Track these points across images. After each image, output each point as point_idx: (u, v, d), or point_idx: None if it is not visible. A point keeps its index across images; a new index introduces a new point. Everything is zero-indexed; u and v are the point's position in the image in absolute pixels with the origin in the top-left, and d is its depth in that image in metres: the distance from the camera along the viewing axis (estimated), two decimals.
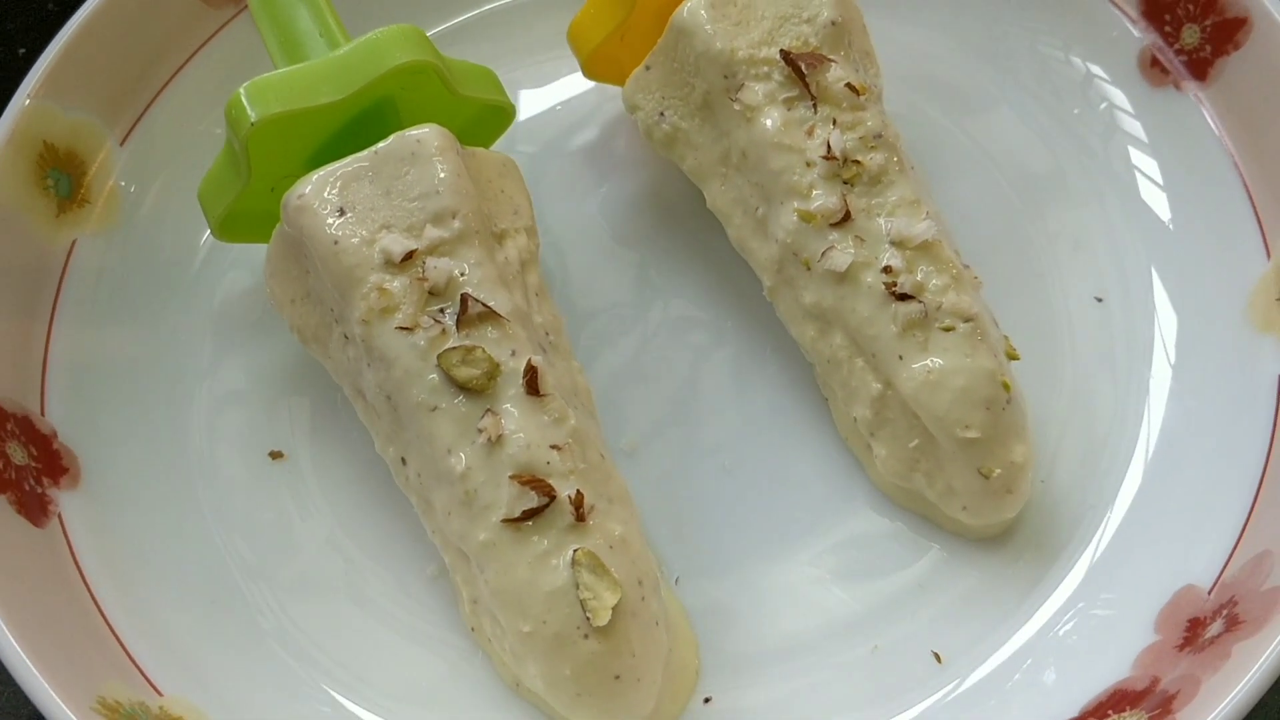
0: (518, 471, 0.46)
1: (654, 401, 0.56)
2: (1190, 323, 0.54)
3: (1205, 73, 0.57)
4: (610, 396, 0.56)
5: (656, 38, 0.55)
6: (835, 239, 0.50)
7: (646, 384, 0.56)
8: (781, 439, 0.54)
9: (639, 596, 0.46)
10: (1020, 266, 0.57)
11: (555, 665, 0.46)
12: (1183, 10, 0.57)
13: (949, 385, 0.48)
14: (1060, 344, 0.55)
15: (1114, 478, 0.52)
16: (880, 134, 0.51)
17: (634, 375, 0.56)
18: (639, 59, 0.56)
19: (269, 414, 0.56)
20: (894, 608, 0.50)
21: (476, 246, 0.49)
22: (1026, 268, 0.57)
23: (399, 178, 0.50)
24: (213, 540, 0.53)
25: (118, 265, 0.58)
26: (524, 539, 0.46)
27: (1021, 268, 0.57)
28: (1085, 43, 0.60)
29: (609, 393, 0.56)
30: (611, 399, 0.56)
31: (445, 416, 0.47)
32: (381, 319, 0.48)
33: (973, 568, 0.51)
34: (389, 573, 0.52)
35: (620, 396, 0.56)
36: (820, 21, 0.53)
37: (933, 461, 0.50)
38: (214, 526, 0.53)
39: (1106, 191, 0.57)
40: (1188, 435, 0.51)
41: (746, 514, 0.53)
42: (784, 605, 0.51)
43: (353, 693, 0.50)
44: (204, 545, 0.53)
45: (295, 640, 0.51)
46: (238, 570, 0.52)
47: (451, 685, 0.50)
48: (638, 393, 0.56)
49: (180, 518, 0.53)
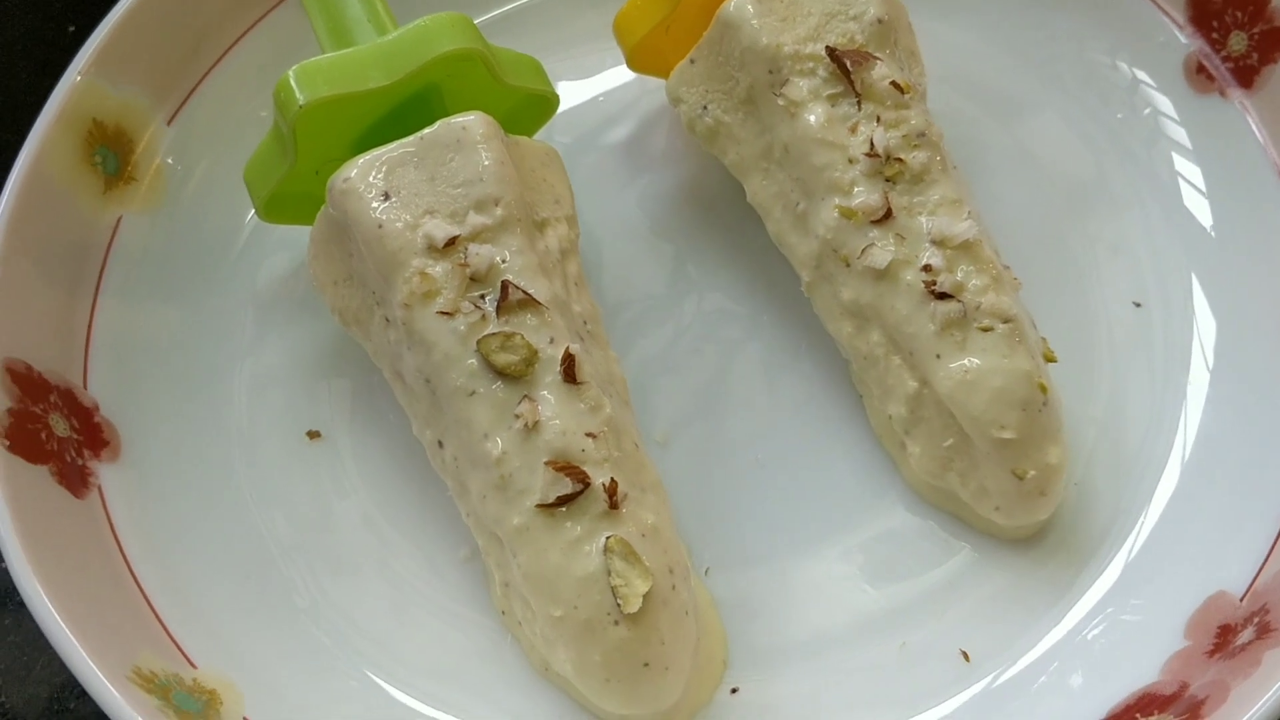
0: (553, 458, 0.47)
1: (687, 393, 0.56)
2: (1229, 330, 0.53)
3: (1251, 80, 0.56)
4: (644, 387, 0.56)
5: (701, 31, 0.55)
6: (875, 236, 0.51)
7: (680, 376, 0.56)
8: (814, 434, 0.55)
9: (670, 585, 0.47)
10: (1060, 269, 0.57)
11: (585, 650, 0.46)
12: (1231, 18, 0.57)
13: (986, 385, 0.48)
14: (1098, 347, 0.55)
15: (1148, 482, 0.51)
16: (924, 133, 0.52)
17: (668, 367, 0.57)
18: (683, 52, 0.56)
19: (308, 394, 0.56)
20: (923, 606, 0.51)
21: (518, 234, 0.50)
22: (1066, 271, 0.57)
23: (444, 164, 0.50)
24: (249, 516, 0.53)
25: (162, 243, 0.58)
26: (557, 524, 0.46)
27: (1061, 270, 0.57)
28: (1131, 48, 0.60)
29: (642, 383, 0.56)
30: (645, 390, 0.56)
31: (483, 401, 0.48)
32: (423, 303, 0.48)
33: (1003, 568, 0.51)
34: (422, 554, 0.53)
35: (654, 387, 0.56)
36: (867, 19, 0.53)
37: (967, 461, 0.50)
38: (251, 503, 0.54)
39: (1147, 197, 0.57)
40: (1223, 442, 0.51)
41: (777, 508, 0.53)
42: (812, 600, 0.51)
43: (383, 671, 0.50)
44: (240, 521, 0.53)
45: (328, 617, 0.51)
46: (273, 546, 0.53)
47: (480, 666, 0.50)
48: (671, 384, 0.56)
49: (218, 493, 0.54)
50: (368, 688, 0.50)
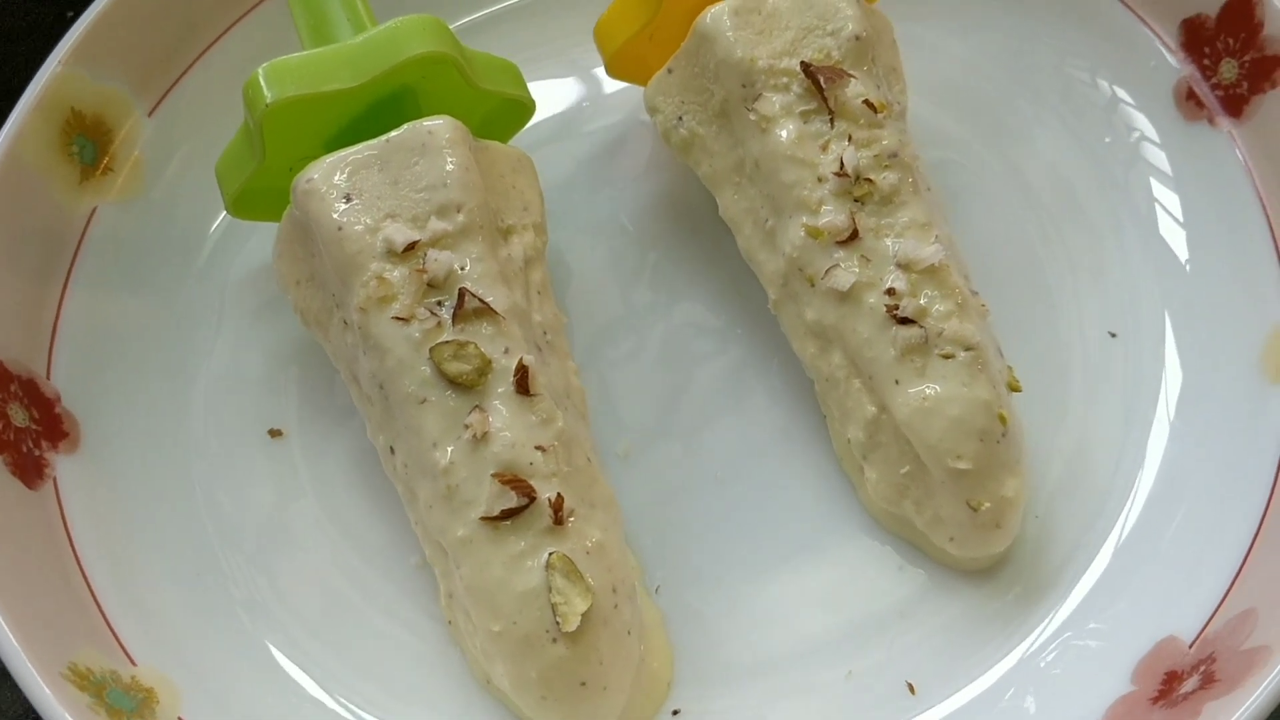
0: (500, 470, 0.46)
1: (654, 406, 0.55)
2: (1201, 366, 0.52)
3: (1241, 110, 0.55)
4: (609, 398, 0.55)
5: (684, 39, 0.55)
6: (840, 257, 0.50)
7: (648, 388, 0.56)
8: (778, 454, 0.54)
9: (612, 604, 0.46)
10: (1037, 294, 0.56)
11: (522, 666, 0.46)
12: (1223, 44, 0.55)
13: (943, 414, 0.48)
14: (1069, 376, 0.54)
15: (1108, 519, 0.51)
16: (896, 153, 0.51)
17: (636, 378, 0.56)
18: (666, 60, 0.56)
19: (273, 392, 0.56)
20: (873, 634, 0.50)
21: (479, 241, 0.49)
22: (1043, 295, 0.56)
23: (408, 168, 0.50)
24: (204, 514, 0.53)
25: (136, 235, 0.58)
26: (501, 538, 0.46)
27: (1038, 295, 0.56)
28: (1122, 70, 0.58)
29: (608, 394, 0.56)
30: (610, 400, 0.55)
31: (434, 410, 0.47)
32: (379, 308, 0.48)
33: (957, 599, 0.50)
34: (375, 559, 0.53)
35: (619, 398, 0.56)
36: (844, 35, 0.52)
37: (922, 489, 0.49)
38: (206, 500, 0.54)
39: (1128, 224, 0.56)
40: (1186, 483, 0.50)
41: (735, 526, 0.53)
42: (763, 622, 0.51)
43: (327, 678, 0.50)
44: (194, 518, 0.53)
45: (274, 620, 0.51)
46: (224, 546, 0.53)
47: (425, 677, 0.50)
48: (638, 396, 0.56)
49: (175, 489, 0.54)
50: (309, 695, 0.49)
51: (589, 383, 0.55)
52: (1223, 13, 0.55)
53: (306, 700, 0.49)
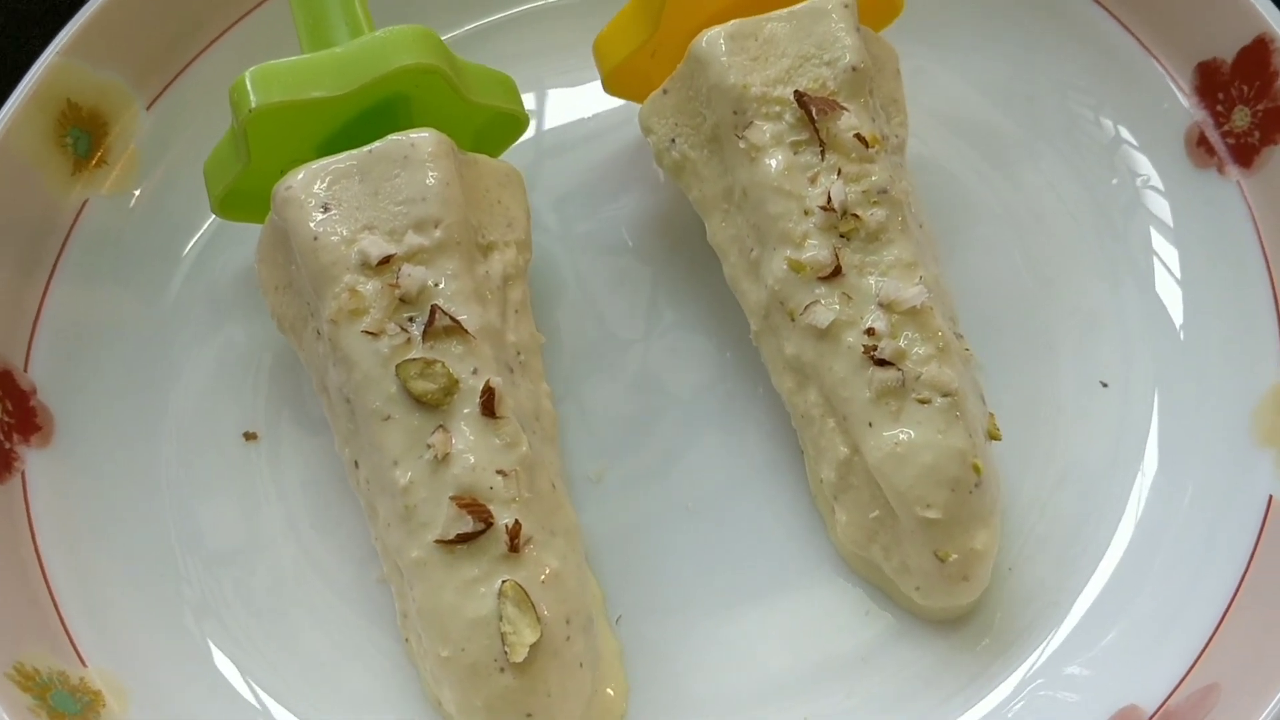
0: (459, 493, 0.46)
1: (632, 430, 0.55)
2: (1189, 425, 0.51)
3: (1251, 160, 0.53)
4: (587, 420, 0.55)
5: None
6: (821, 293, 0.49)
7: (628, 410, 0.55)
8: (753, 486, 0.53)
9: (564, 636, 0.46)
10: (1031, 338, 0.55)
11: (469, 694, 0.45)
12: (1237, 91, 0.54)
13: (915, 460, 0.47)
14: (1055, 425, 0.53)
15: (1080, 577, 0.49)
16: (886, 189, 0.49)
17: (616, 400, 0.55)
18: (667, 78, 0.55)
19: (251, 395, 0.56)
20: (834, 678, 0.49)
21: (455, 258, 0.49)
22: (1037, 340, 0.55)
23: (389, 179, 0.49)
24: (171, 517, 0.53)
25: (126, 230, 0.58)
26: (455, 563, 0.45)
27: (1032, 339, 0.55)
28: (1134, 111, 0.57)
29: (586, 416, 0.55)
30: (588, 422, 0.55)
31: (397, 427, 0.47)
32: (350, 320, 0.48)
33: (923, 648, 0.49)
34: (339, 571, 0.52)
35: (597, 420, 0.55)
36: (841, 65, 0.51)
37: (891, 536, 0.48)
38: (175, 503, 0.53)
39: (1128, 273, 0.55)
40: (1162, 545, 0.49)
41: (702, 559, 0.52)
42: (723, 659, 0.50)
43: (281, 690, 0.50)
44: (161, 520, 0.53)
45: (230, 628, 0.51)
46: (186, 549, 0.52)
47: (380, 694, 0.50)
48: (618, 419, 0.55)
49: (145, 490, 0.53)
50: (257, 708, 0.49)
51: (568, 402, 0.55)
52: (1239, 58, 0.54)
53: (257, 714, 0.49)
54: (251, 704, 0.49)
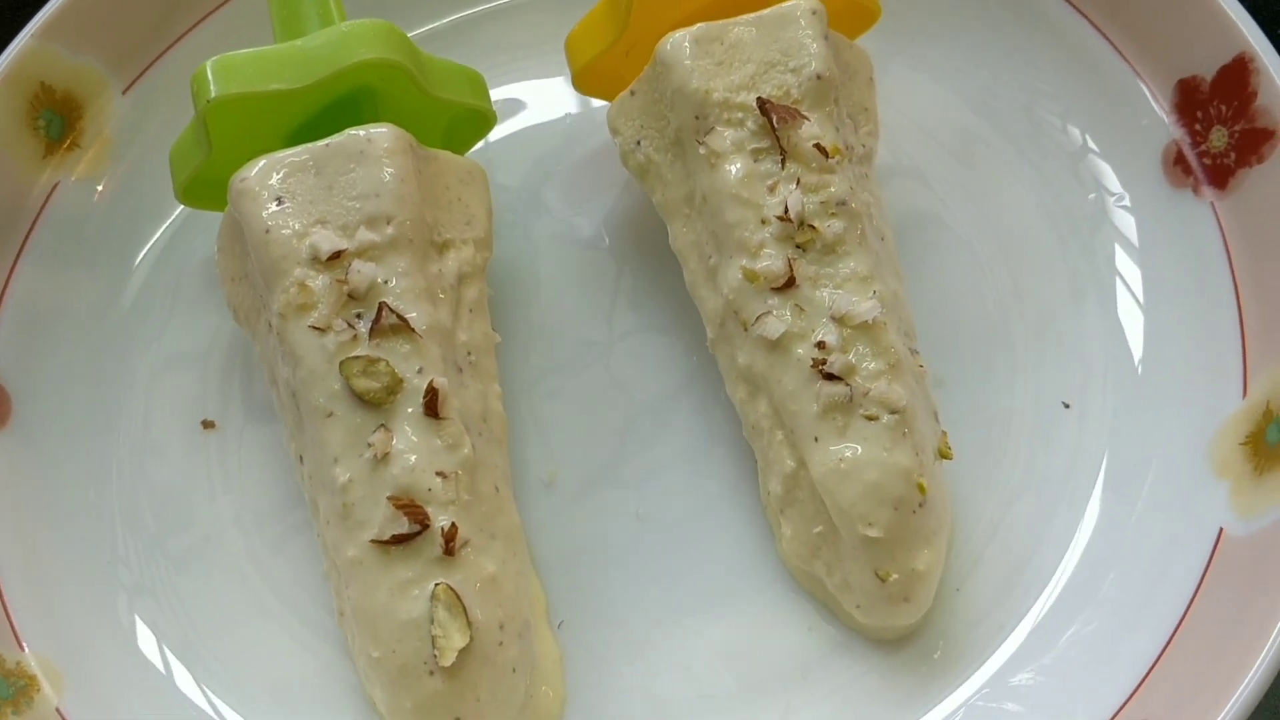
0: (397, 493, 0.45)
1: (587, 433, 0.54)
2: (1147, 451, 0.50)
3: (1226, 182, 0.52)
4: (543, 422, 0.54)
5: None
6: (774, 304, 0.48)
7: (584, 414, 0.55)
8: (705, 495, 0.52)
9: (496, 641, 0.45)
10: (995, 354, 0.54)
11: (398, 695, 0.45)
12: (1215, 110, 0.53)
13: (859, 477, 0.46)
14: (1014, 445, 0.52)
15: (1026, 600, 0.48)
16: (845, 201, 0.49)
17: (575, 403, 0.55)
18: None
19: (211, 384, 0.56)
20: (772, 693, 0.48)
21: (407, 255, 0.48)
22: (1000, 357, 0.54)
23: (344, 174, 0.49)
24: (123, 502, 0.53)
25: (95, 215, 0.58)
26: (390, 564, 0.45)
27: (996, 355, 0.54)
28: (1112, 127, 0.56)
29: (544, 418, 0.54)
30: (545, 425, 0.54)
31: (339, 425, 0.47)
32: (298, 315, 0.48)
33: (863, 667, 0.48)
34: (284, 566, 0.52)
35: (553, 423, 0.54)
36: (806, 73, 0.50)
37: (834, 552, 0.48)
38: (129, 489, 0.53)
39: (1095, 293, 0.54)
40: (1110, 573, 0.48)
41: (649, 567, 0.51)
42: (662, 669, 0.49)
43: (222, 687, 0.50)
44: (113, 506, 0.53)
45: (172, 617, 0.51)
46: (140, 538, 0.52)
47: (318, 690, 0.50)
48: (572, 421, 0.54)
49: (99, 475, 0.54)
50: (192, 701, 0.49)
51: (524, 403, 0.54)
52: (1218, 77, 0.52)
53: (189, 707, 0.49)
54: (184, 692, 0.49)
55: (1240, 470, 0.47)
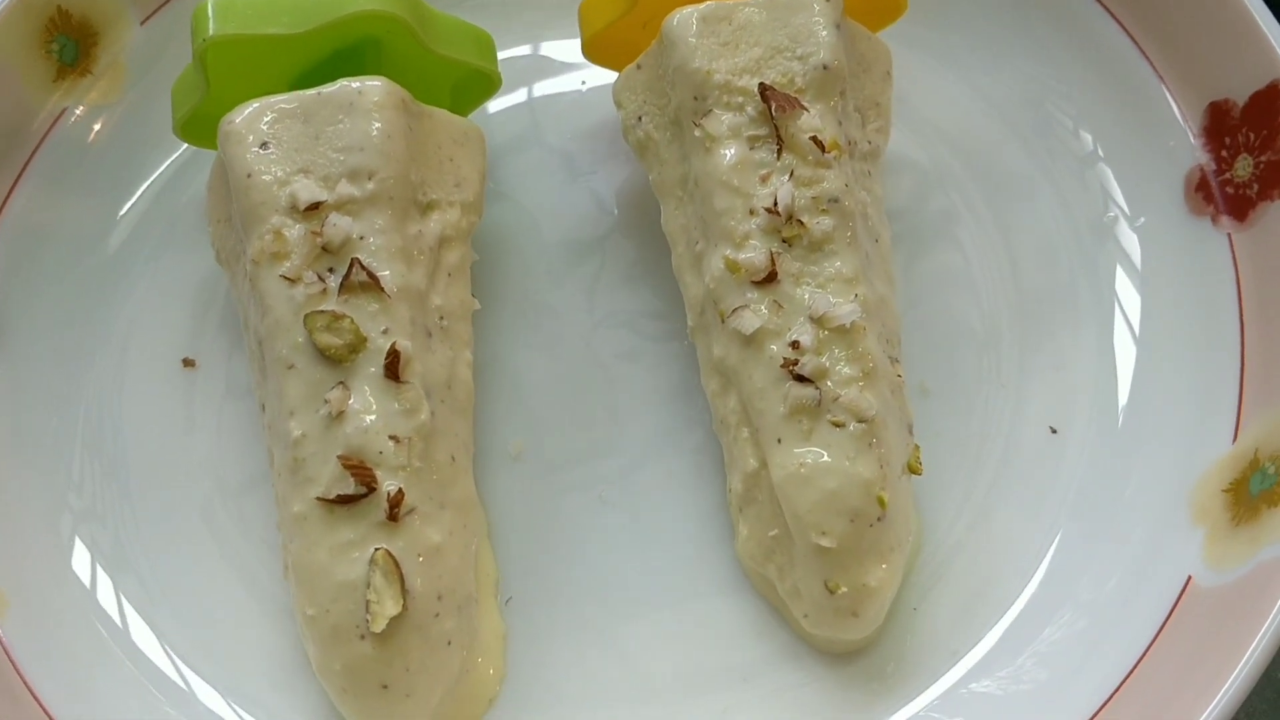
0: (347, 453, 0.45)
1: (561, 409, 0.53)
2: (1127, 487, 0.48)
3: (1246, 214, 0.50)
4: (519, 393, 0.54)
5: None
6: (753, 298, 0.47)
7: (562, 389, 0.54)
8: (672, 486, 0.51)
9: (432, 613, 0.45)
10: (987, 370, 0.52)
11: (328, 655, 0.45)
12: (1243, 138, 0.50)
13: (818, 485, 0.44)
14: (992, 462, 0.50)
15: (982, 627, 0.47)
16: (837, 199, 0.47)
17: (553, 376, 0.54)
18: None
19: (199, 322, 0.56)
20: (711, 693, 0.47)
21: (386, 213, 0.48)
22: (993, 373, 0.52)
23: (332, 124, 0.49)
24: (96, 430, 0.53)
25: (101, 142, 0.58)
26: (333, 523, 0.45)
27: (988, 371, 0.52)
28: (1138, 145, 0.54)
29: (518, 389, 0.54)
30: (519, 397, 0.54)
31: (298, 378, 0.46)
32: (271, 263, 0.47)
33: (806, 678, 0.47)
34: (244, 512, 0.52)
35: (529, 394, 0.54)
36: (812, 62, 0.48)
37: (787, 557, 0.46)
38: (97, 418, 0.53)
39: (1098, 317, 0.52)
40: (1069, 608, 0.46)
41: (606, 552, 0.50)
42: (606, 656, 0.48)
43: (160, 625, 0.50)
44: (84, 433, 0.53)
45: (127, 555, 0.51)
46: (95, 465, 0.52)
47: (257, 640, 0.50)
48: (549, 396, 0.54)
49: (75, 399, 0.54)
50: (132, 628, 0.49)
51: (500, 373, 0.54)
52: (1250, 102, 0.50)
53: (128, 645, 0.49)
54: (122, 636, 0.49)
55: (1218, 519, 0.45)
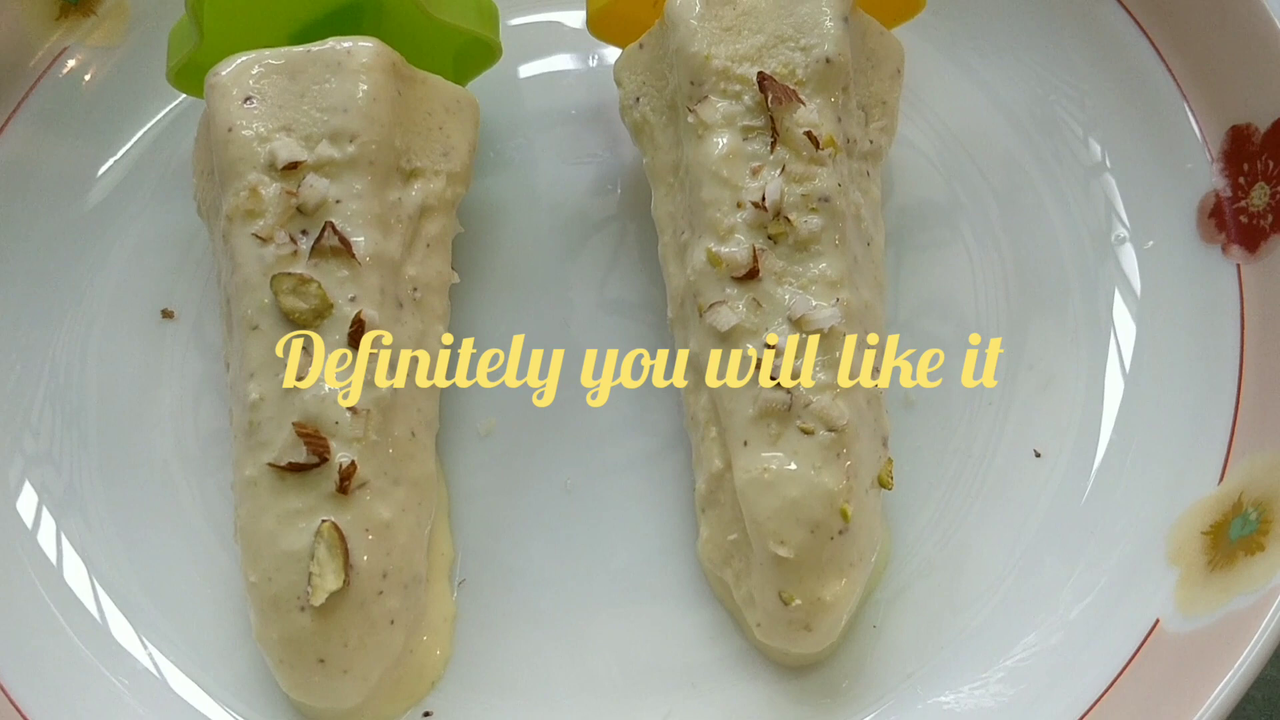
0: (303, 420, 0.44)
1: (536, 392, 0.52)
2: (1105, 519, 0.46)
3: (1257, 245, 0.48)
4: (496, 370, 0.52)
5: None
6: (732, 294, 0.45)
7: (539, 370, 0.52)
8: (639, 481, 0.50)
9: (376, 590, 0.44)
10: (974, 388, 0.50)
11: (267, 624, 0.44)
12: (1262, 165, 0.48)
13: (780, 492, 0.43)
14: (969, 481, 0.49)
15: (940, 651, 0.45)
16: (828, 198, 0.45)
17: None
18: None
19: (183, 274, 0.55)
20: (656, 696, 0.46)
21: (366, 178, 0.47)
22: (982, 390, 0.50)
23: (319, 83, 0.47)
24: (60, 377, 0.52)
25: (100, 84, 0.58)
26: (283, 491, 0.44)
27: (977, 387, 0.50)
28: (1155, 164, 0.52)
29: (495, 366, 0.52)
30: (495, 374, 0.52)
31: (261, 339, 0.45)
32: (244, 220, 0.46)
33: (755, 685, 0.46)
34: (204, 469, 0.51)
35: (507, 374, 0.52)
36: (815, 54, 0.47)
37: (744, 563, 0.45)
38: (73, 359, 0.53)
39: (1091, 337, 0.50)
40: (1031, 635, 0.45)
41: (565, 542, 0.49)
42: (556, 647, 0.47)
43: (107, 582, 0.49)
44: (50, 379, 0.52)
45: (80, 500, 0.50)
46: (57, 411, 0.52)
47: (212, 600, 0.49)
48: (525, 376, 0.52)
49: (49, 339, 0.53)
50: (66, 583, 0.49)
51: (478, 348, 0.52)
52: (1273, 129, 0.48)
53: (59, 587, 0.48)
54: (51, 561, 0.49)
55: (1194, 561, 0.43)
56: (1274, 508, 0.41)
